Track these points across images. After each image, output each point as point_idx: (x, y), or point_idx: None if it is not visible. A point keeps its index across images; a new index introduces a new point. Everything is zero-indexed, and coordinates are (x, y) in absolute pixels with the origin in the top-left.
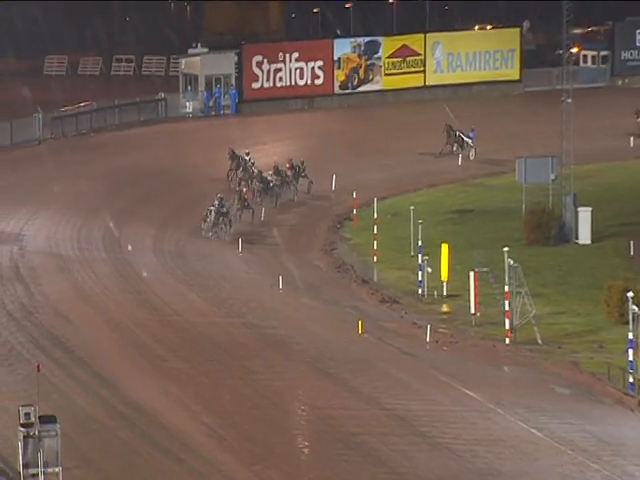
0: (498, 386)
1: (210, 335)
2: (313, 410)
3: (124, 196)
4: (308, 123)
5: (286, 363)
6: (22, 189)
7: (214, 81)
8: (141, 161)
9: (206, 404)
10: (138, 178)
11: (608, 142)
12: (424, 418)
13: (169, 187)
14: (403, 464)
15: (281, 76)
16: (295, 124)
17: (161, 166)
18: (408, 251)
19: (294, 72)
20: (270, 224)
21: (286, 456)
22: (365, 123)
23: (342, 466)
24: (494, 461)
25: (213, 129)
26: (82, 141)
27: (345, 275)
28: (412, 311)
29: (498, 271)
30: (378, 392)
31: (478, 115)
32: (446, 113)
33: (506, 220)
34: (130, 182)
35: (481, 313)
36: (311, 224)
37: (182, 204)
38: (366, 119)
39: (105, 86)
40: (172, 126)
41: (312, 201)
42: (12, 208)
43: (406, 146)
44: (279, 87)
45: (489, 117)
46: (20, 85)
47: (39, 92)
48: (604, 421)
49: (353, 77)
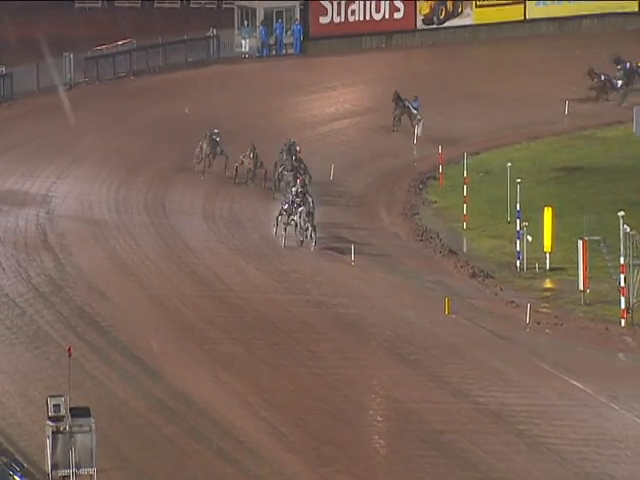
0: (612, 376)
1: (269, 315)
2: (391, 403)
3: (170, 151)
4: (385, 64)
5: (359, 348)
6: (50, 142)
7: (275, 15)
8: (189, 110)
9: (265, 396)
10: (186, 130)
11: None
12: (523, 414)
13: (223, 140)
14: (498, 467)
15: (354, 9)
16: (370, 66)
17: (213, 116)
18: (504, 216)
19: (369, 4)
20: (341, 182)
21: (359, 457)
22: (453, 64)
23: (425, 469)
24: (606, 465)
25: (273, 72)
26: (120, 86)
27: (429, 245)
28: (509, 287)
29: (612, 240)
30: (468, 383)
31: (590, 54)
32: (549, 53)
33: (622, 179)
34: (177, 134)
35: (591, 290)
36: (389, 183)
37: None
38: (454, 59)
39: (147, 21)
40: (225, 68)
41: (390, 156)
42: (38, 165)
43: (502, 91)
44: (351, 22)
45: (601, 57)
46: (47, 21)
47: (70, 29)
48: None
49: (439, 10)
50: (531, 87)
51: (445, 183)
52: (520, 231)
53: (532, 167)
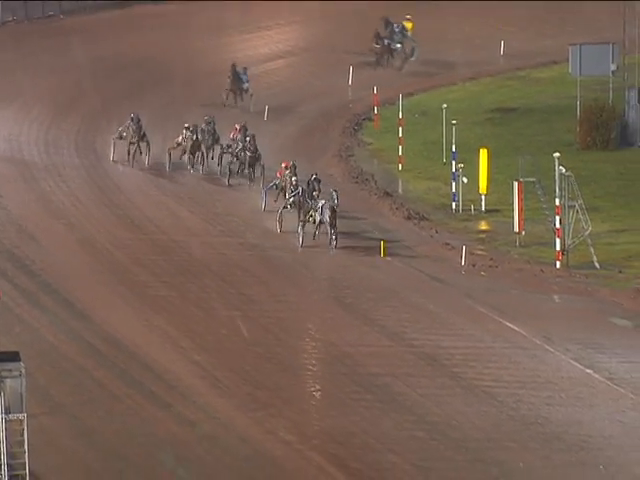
0: (547, 318)
1: (203, 258)
2: (326, 347)
3: (100, 92)
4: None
5: (293, 291)
6: None
7: None
8: (122, 50)
9: (198, 340)
10: (118, 70)
11: None
12: (458, 357)
13: (155, 82)
14: (433, 410)
15: None
16: (305, 5)
17: (145, 56)
18: (439, 158)
19: None
20: (275, 124)
21: (293, 401)
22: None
23: (360, 412)
24: (541, 407)
25: (206, 12)
26: (49, 25)
27: (364, 186)
28: (444, 230)
29: (547, 181)
30: (403, 326)
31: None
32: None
33: (557, 120)
34: (108, 75)
35: (526, 232)
36: (324, 124)
37: (171, 102)
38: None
39: None
40: (158, 8)
41: (325, 97)
42: None
43: (438, 31)
44: None
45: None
46: None
47: None
48: None
49: None
50: (467, 27)
51: (380, 124)
52: (455, 173)
53: (467, 108)
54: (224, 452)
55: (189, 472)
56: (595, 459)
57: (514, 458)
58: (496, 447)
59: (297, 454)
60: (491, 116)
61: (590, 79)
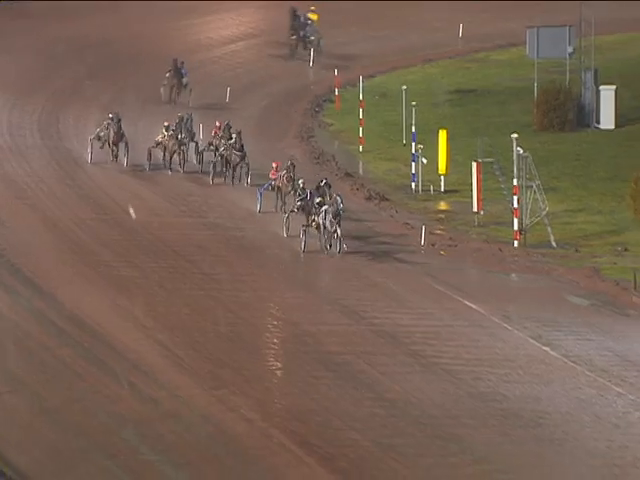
0: (504, 297)
1: (165, 238)
2: (287, 326)
3: (62, 73)
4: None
5: (255, 271)
6: None
7: None
8: (81, 31)
9: (160, 319)
10: (81, 52)
11: (637, 8)
12: (417, 335)
13: (115, 63)
14: (393, 388)
15: None
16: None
17: (108, 38)
18: (399, 139)
19: None
20: (237, 105)
21: (255, 379)
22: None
23: (321, 390)
24: (499, 384)
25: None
26: (10, 6)
27: (325, 167)
28: (404, 209)
29: (505, 162)
30: (363, 305)
31: None
32: None
33: (514, 102)
34: (69, 56)
35: (485, 212)
36: (285, 106)
37: (131, 82)
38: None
39: None
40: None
41: (286, 79)
42: None
43: (398, 14)
44: None
45: None
46: None
47: None
48: (629, 337)
49: None
50: (426, 10)
51: (341, 106)
52: (415, 154)
53: (427, 90)
54: (186, 430)
55: (151, 449)
56: (552, 435)
57: (473, 434)
58: (455, 423)
59: (259, 432)
60: (450, 98)
61: (547, 61)
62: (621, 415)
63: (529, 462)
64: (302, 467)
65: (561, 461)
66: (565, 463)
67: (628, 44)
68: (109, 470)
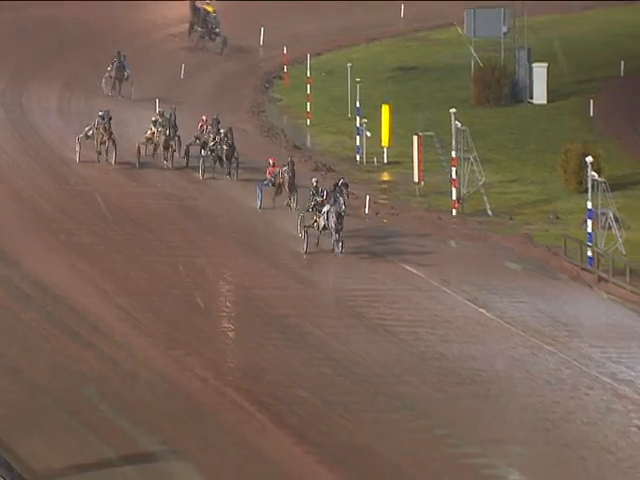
0: (444, 262)
1: (124, 207)
2: (239, 290)
3: (24, 50)
4: None
5: (209, 238)
6: None
7: None
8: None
9: (119, 284)
10: (44, 29)
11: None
12: (362, 298)
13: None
14: (339, 348)
15: None
16: None
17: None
18: (345, 113)
19: None
20: (191, 82)
21: (209, 341)
22: None
23: (271, 351)
24: (438, 344)
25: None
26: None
27: (274, 140)
28: (349, 180)
29: (444, 135)
30: (310, 270)
31: None
32: None
33: (453, 79)
34: (28, 34)
35: (425, 182)
36: (236, 82)
37: (90, 60)
38: None
39: None
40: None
41: (237, 57)
42: None
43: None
44: None
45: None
46: None
47: None
48: (559, 299)
49: None
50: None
51: (290, 82)
52: (359, 127)
53: (370, 67)
54: (144, 388)
55: (111, 407)
56: (488, 391)
57: (414, 391)
58: (397, 381)
59: (212, 390)
60: (392, 75)
61: (483, 40)
62: (552, 372)
63: (466, 417)
64: (254, 423)
65: (496, 416)
66: (500, 417)
67: (559, 24)
68: (71, 426)
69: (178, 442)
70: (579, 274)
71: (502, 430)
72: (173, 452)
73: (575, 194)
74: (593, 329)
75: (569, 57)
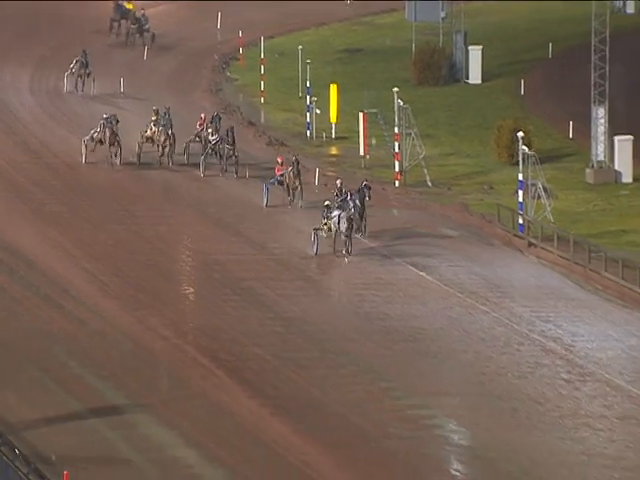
0: (387, 229)
1: (91, 178)
2: (199, 255)
3: None
4: None
5: (170, 207)
6: None
7: None
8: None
9: (87, 250)
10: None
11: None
12: (312, 263)
13: (47, 25)
14: (290, 308)
15: None
16: None
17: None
18: (296, 92)
19: None
20: (154, 62)
21: (170, 302)
22: None
23: (228, 312)
24: (382, 305)
25: None
26: None
27: (231, 117)
28: (300, 154)
29: (387, 112)
30: (265, 237)
31: None
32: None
33: (395, 60)
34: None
35: (370, 155)
36: (195, 63)
37: (62, 42)
38: None
39: None
40: None
41: (196, 40)
42: None
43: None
44: None
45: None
46: None
47: None
48: (493, 263)
49: None
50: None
51: (245, 63)
52: (310, 105)
53: (320, 49)
54: (111, 346)
55: (79, 363)
56: (428, 348)
57: (359, 348)
58: (344, 339)
59: (174, 348)
60: (340, 56)
61: (423, 25)
62: (486, 330)
63: (408, 371)
64: (212, 378)
65: (436, 370)
66: (439, 372)
67: (493, 10)
68: (42, 382)
69: (142, 396)
70: (511, 240)
71: (441, 383)
72: (137, 405)
73: (507, 166)
74: (524, 290)
75: (502, 41)
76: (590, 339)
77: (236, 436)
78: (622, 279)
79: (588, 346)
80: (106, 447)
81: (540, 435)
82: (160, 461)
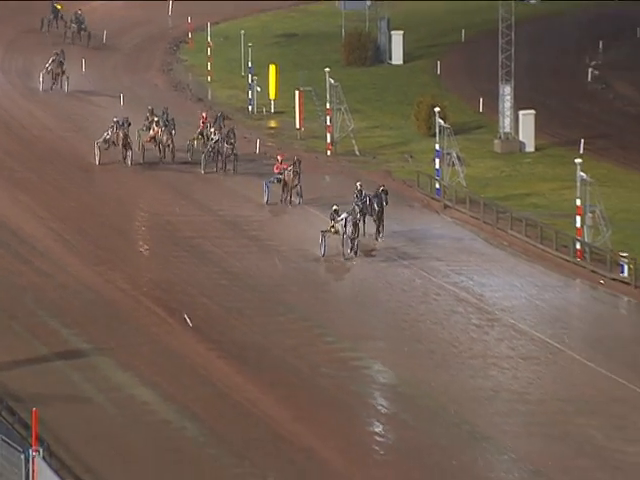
0: (319, 193)
1: (57, 148)
2: (152, 216)
3: None
4: None
5: (128, 174)
6: None
7: None
8: None
9: (53, 211)
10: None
11: None
12: (254, 224)
13: (15, 11)
14: (234, 264)
15: None
16: None
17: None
18: (239, 72)
19: None
20: (113, 43)
21: (127, 258)
22: None
23: (179, 267)
24: (315, 260)
25: None
26: None
27: (181, 94)
28: (243, 126)
29: (320, 90)
30: (210, 199)
31: None
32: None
33: (327, 43)
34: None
35: (305, 128)
36: (149, 46)
37: (31, 25)
38: None
39: None
40: None
41: (149, 25)
42: None
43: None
44: None
45: None
46: None
47: None
48: (413, 222)
49: None
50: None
51: (194, 46)
52: (251, 83)
53: (260, 34)
54: (74, 297)
55: (46, 312)
56: (355, 297)
57: (296, 298)
58: (282, 290)
59: (131, 298)
60: (278, 40)
61: (352, 12)
62: (407, 282)
63: (338, 317)
64: (165, 325)
65: (363, 317)
66: (366, 319)
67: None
68: (12, 329)
69: (102, 341)
70: (429, 202)
71: (367, 329)
72: (98, 349)
73: (426, 137)
74: (440, 246)
75: (421, 26)
76: (498, 289)
77: (186, 376)
78: (525, 236)
79: (496, 295)
80: (70, 387)
81: (454, 374)
82: (119, 399)
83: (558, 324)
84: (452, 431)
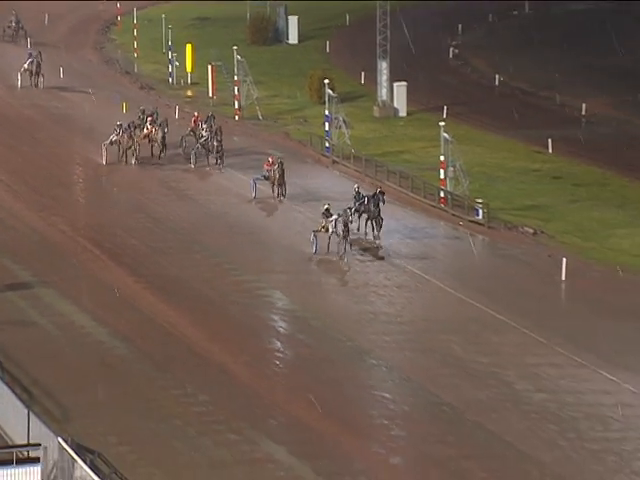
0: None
1: (4, 113)
2: (88, 170)
3: None
4: None
5: (68, 135)
6: None
7: None
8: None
9: (2, 166)
10: None
11: None
12: (173, 177)
13: None
14: (158, 210)
15: None
16: None
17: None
18: (161, 49)
19: None
20: (50, 27)
21: (67, 205)
22: None
23: (110, 212)
24: (225, 206)
25: None
26: None
27: (111, 68)
28: (165, 95)
29: (229, 65)
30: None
31: None
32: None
33: (234, 26)
34: None
35: (217, 97)
36: (83, 27)
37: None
38: None
39: None
40: None
41: (83, 9)
42: None
43: None
44: None
45: None
46: None
47: None
48: (307, 175)
49: None
50: None
51: (122, 27)
52: (171, 59)
53: (179, 17)
54: (22, 238)
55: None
56: (259, 237)
57: (209, 239)
58: (198, 232)
59: (70, 239)
60: (193, 23)
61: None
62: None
63: (245, 256)
64: (99, 262)
65: (265, 254)
66: (267, 256)
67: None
68: None
69: (46, 275)
70: (320, 159)
71: (269, 264)
72: (42, 282)
73: (317, 105)
74: (329, 194)
75: (313, 11)
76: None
77: (117, 304)
78: (399, 187)
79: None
80: (19, 313)
81: (340, 300)
82: (60, 324)
83: (426, 258)
84: (339, 347)
